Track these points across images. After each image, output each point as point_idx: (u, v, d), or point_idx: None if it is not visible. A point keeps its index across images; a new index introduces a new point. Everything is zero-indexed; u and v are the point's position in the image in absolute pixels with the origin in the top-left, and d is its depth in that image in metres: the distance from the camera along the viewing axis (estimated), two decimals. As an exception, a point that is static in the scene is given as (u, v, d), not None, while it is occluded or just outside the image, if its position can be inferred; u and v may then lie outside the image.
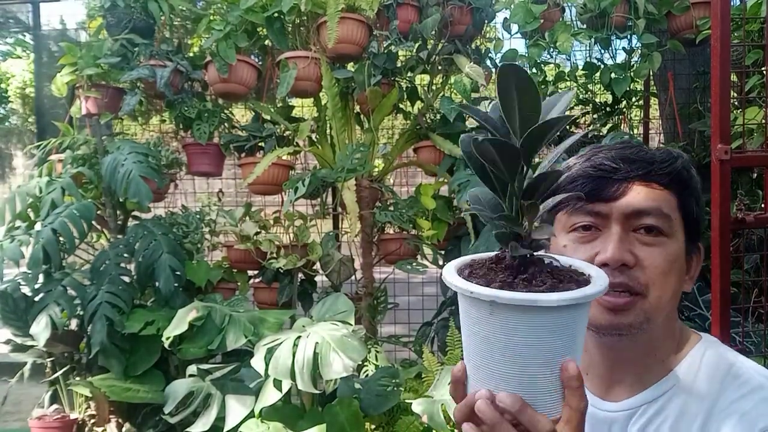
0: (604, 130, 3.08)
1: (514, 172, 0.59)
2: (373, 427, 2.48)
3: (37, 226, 2.93)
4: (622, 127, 3.17)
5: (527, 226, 0.62)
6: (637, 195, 0.81)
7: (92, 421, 2.92)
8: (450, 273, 0.64)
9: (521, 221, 0.62)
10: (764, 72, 2.58)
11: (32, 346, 2.85)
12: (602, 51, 3.09)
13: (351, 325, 2.41)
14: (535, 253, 0.63)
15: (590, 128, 3.16)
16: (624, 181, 0.81)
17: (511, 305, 0.57)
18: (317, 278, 3.26)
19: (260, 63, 3.32)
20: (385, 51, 3.09)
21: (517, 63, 0.52)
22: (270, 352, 2.24)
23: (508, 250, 0.63)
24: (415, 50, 3.13)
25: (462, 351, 0.66)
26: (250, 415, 2.31)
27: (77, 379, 2.91)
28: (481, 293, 0.58)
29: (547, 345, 0.58)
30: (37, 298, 2.83)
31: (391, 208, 3.07)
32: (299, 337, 2.27)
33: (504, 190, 0.62)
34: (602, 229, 0.82)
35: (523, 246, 0.62)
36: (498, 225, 0.63)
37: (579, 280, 0.63)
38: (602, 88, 3.18)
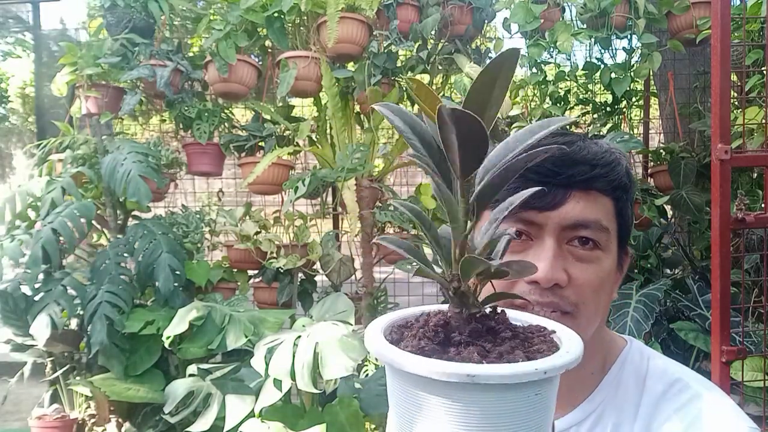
0: (604, 130, 3.08)
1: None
2: (373, 427, 2.47)
3: (37, 226, 2.92)
4: (622, 127, 3.16)
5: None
6: (576, 205, 0.74)
7: (92, 420, 2.92)
8: (386, 347, 0.47)
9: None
10: (764, 72, 2.58)
11: (32, 346, 2.85)
12: (602, 51, 3.09)
13: (351, 325, 2.41)
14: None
15: (590, 128, 3.16)
16: (562, 188, 0.74)
17: (492, 384, 0.42)
18: (317, 278, 3.26)
19: (260, 63, 3.32)
20: (385, 51, 3.10)
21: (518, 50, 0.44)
22: (270, 351, 2.24)
23: (459, 306, 0.48)
24: (415, 50, 3.13)
25: None
26: (250, 414, 2.31)
27: (77, 378, 2.91)
28: (455, 372, 0.42)
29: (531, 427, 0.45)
30: (37, 298, 2.83)
31: (391, 208, 3.07)
32: (299, 337, 2.27)
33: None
34: (534, 239, 0.75)
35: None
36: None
37: (541, 335, 0.52)
38: (602, 88, 3.19)
